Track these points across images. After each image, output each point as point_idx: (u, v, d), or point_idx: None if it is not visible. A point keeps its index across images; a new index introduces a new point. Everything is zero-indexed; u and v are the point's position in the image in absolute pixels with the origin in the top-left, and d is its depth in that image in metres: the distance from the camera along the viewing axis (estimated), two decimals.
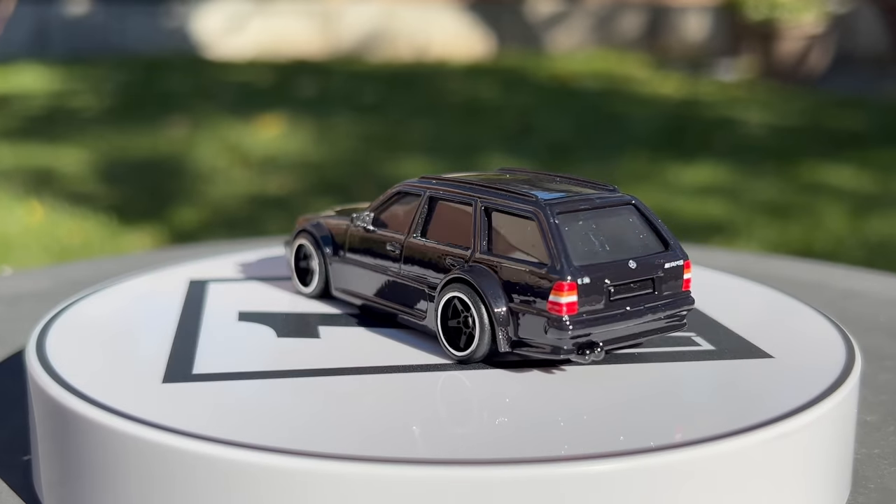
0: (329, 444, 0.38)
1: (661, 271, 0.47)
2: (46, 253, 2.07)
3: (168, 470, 0.38)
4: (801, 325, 0.54)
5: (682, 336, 0.51)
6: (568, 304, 0.44)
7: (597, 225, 0.47)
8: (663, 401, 0.43)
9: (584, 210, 0.47)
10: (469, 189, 0.49)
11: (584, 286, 0.44)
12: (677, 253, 0.48)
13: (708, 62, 4.86)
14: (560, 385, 0.45)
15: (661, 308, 0.47)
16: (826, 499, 0.44)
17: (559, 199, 0.47)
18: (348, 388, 0.45)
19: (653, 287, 0.46)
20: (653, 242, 0.48)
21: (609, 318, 0.45)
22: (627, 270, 0.46)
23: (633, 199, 0.49)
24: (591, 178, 0.53)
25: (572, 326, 0.44)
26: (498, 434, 0.40)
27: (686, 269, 0.48)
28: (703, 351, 0.49)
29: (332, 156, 2.96)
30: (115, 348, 0.50)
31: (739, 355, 0.48)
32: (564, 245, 0.44)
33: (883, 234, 2.23)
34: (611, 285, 0.45)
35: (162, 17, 5.20)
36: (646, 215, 0.48)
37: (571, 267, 0.44)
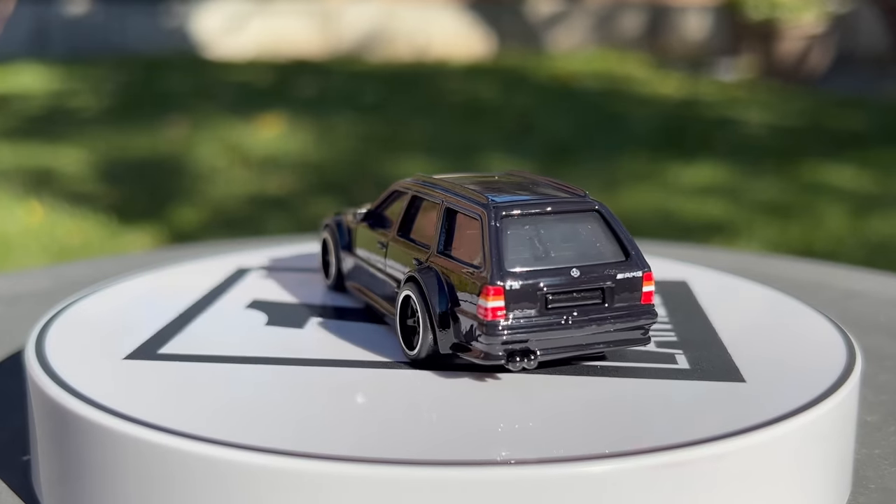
0: (237, 431, 0.39)
1: (611, 281, 0.44)
2: (46, 253, 2.07)
3: (167, 470, 0.38)
4: (801, 326, 0.54)
5: (661, 352, 0.48)
6: (493, 309, 0.42)
7: (548, 230, 0.45)
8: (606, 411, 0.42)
9: (536, 214, 0.45)
10: (440, 189, 0.49)
11: (512, 291, 0.43)
12: (636, 264, 0.45)
13: (708, 62, 4.86)
14: (492, 391, 0.43)
15: (611, 320, 0.44)
16: (826, 499, 0.44)
17: (509, 202, 0.45)
18: (275, 378, 0.46)
19: (602, 297, 0.44)
20: (611, 252, 0.45)
21: (544, 326, 0.43)
22: (568, 278, 0.44)
23: (597, 206, 0.47)
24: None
25: (498, 332, 0.42)
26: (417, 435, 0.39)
27: (645, 281, 0.45)
28: (675, 369, 0.46)
29: (332, 156, 2.96)
30: (115, 348, 0.50)
31: (712, 377, 0.45)
32: (499, 248, 0.43)
33: (883, 234, 2.23)
34: (548, 293, 0.43)
35: (162, 17, 5.20)
36: (609, 223, 0.46)
37: (501, 271, 0.43)
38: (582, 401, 0.43)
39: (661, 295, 0.59)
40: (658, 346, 0.49)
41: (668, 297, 0.59)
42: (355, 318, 0.54)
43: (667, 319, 0.54)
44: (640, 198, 2.46)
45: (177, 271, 0.65)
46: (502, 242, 0.44)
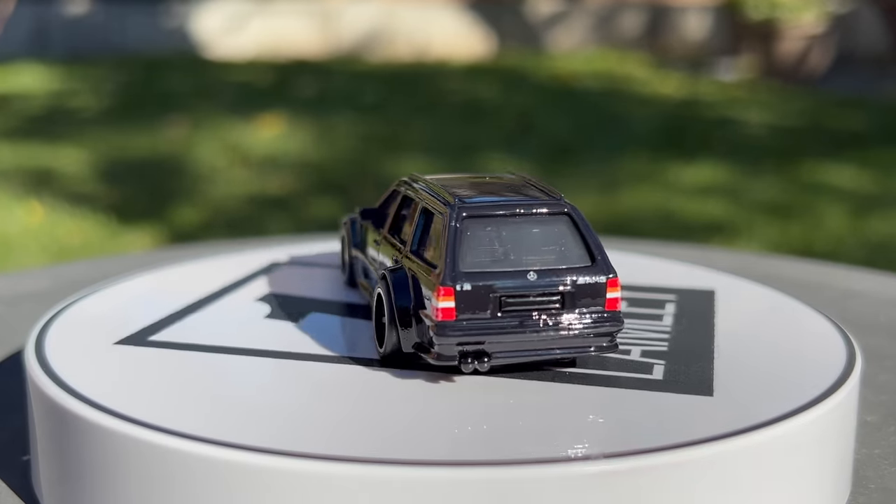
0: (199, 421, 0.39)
1: (571, 286, 0.44)
2: (46, 253, 2.07)
3: (167, 471, 0.38)
4: (801, 325, 0.54)
5: (641, 362, 0.47)
6: (444, 310, 0.42)
7: (513, 233, 0.45)
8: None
9: (501, 216, 0.45)
10: (421, 189, 0.49)
11: (463, 293, 0.42)
12: (600, 269, 0.44)
13: (708, 62, 4.86)
14: (452, 391, 0.44)
15: (571, 326, 0.44)
16: (826, 499, 0.44)
17: (474, 202, 0.45)
18: (247, 368, 0.46)
19: (562, 302, 0.44)
20: (577, 256, 0.45)
21: (497, 329, 0.43)
22: (524, 281, 0.43)
23: (568, 209, 0.46)
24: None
25: (448, 333, 0.42)
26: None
27: (610, 287, 0.44)
28: (646, 380, 0.45)
29: (332, 156, 2.96)
30: (114, 348, 0.50)
31: (680, 389, 0.44)
32: (454, 249, 0.43)
33: (883, 233, 2.23)
34: (502, 295, 0.43)
35: (162, 17, 5.20)
36: (579, 227, 0.45)
37: (454, 272, 0.43)
38: (531, 405, 0.42)
39: (678, 304, 0.57)
40: (642, 356, 0.48)
41: (684, 305, 0.57)
42: (357, 315, 0.55)
43: (667, 329, 0.53)
44: (640, 198, 2.46)
45: (178, 270, 0.65)
46: (459, 243, 0.44)
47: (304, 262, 0.67)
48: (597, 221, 2.32)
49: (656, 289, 0.60)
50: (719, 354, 0.48)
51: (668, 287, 0.60)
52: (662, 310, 0.56)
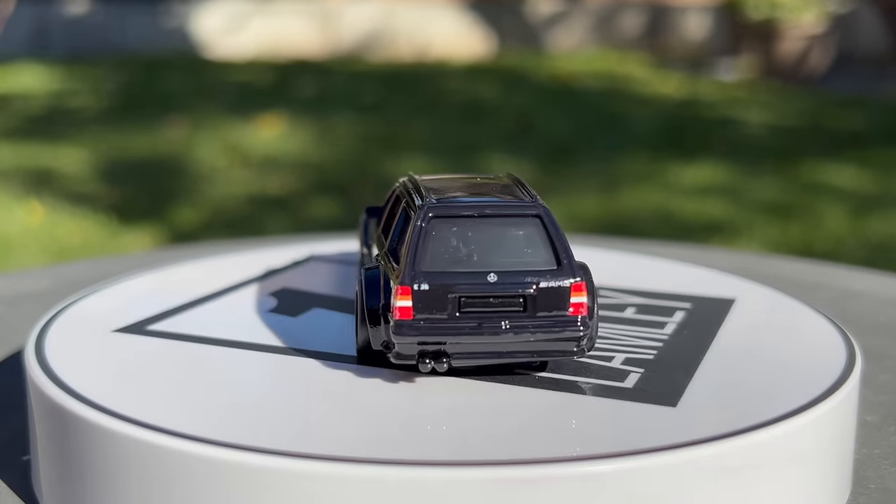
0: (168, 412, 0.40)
1: (534, 289, 0.43)
2: (46, 253, 2.07)
3: (166, 471, 0.38)
4: (801, 325, 0.54)
5: (617, 369, 0.46)
6: (401, 309, 0.42)
7: (480, 234, 0.44)
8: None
9: (468, 217, 0.44)
10: (408, 188, 0.49)
11: (420, 292, 0.42)
12: (565, 273, 0.43)
13: (708, 62, 4.86)
14: (410, 390, 0.44)
15: (532, 329, 0.43)
16: (826, 499, 0.44)
17: (444, 203, 0.45)
18: (247, 366, 0.47)
19: (524, 305, 0.43)
20: (542, 259, 0.44)
21: (455, 329, 0.42)
22: (484, 283, 0.43)
23: (539, 211, 0.45)
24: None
25: (404, 332, 0.42)
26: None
27: (574, 291, 0.43)
28: (613, 387, 0.44)
29: (332, 156, 2.96)
30: (114, 348, 0.50)
31: (644, 399, 0.43)
32: (416, 248, 0.43)
33: (883, 233, 2.23)
34: (461, 296, 0.43)
35: (162, 17, 5.20)
36: (548, 230, 0.44)
37: (413, 271, 0.43)
38: (479, 406, 0.42)
39: (689, 311, 0.55)
40: (623, 363, 0.47)
41: (695, 314, 0.55)
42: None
43: (665, 337, 0.51)
44: (640, 198, 2.46)
45: (178, 270, 0.65)
46: (421, 243, 0.44)
47: (315, 259, 0.67)
48: (597, 221, 2.32)
49: (672, 296, 0.59)
50: (707, 364, 0.47)
51: (685, 294, 0.59)
52: (669, 318, 0.54)
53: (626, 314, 0.55)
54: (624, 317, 0.54)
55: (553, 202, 2.25)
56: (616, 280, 0.61)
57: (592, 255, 0.69)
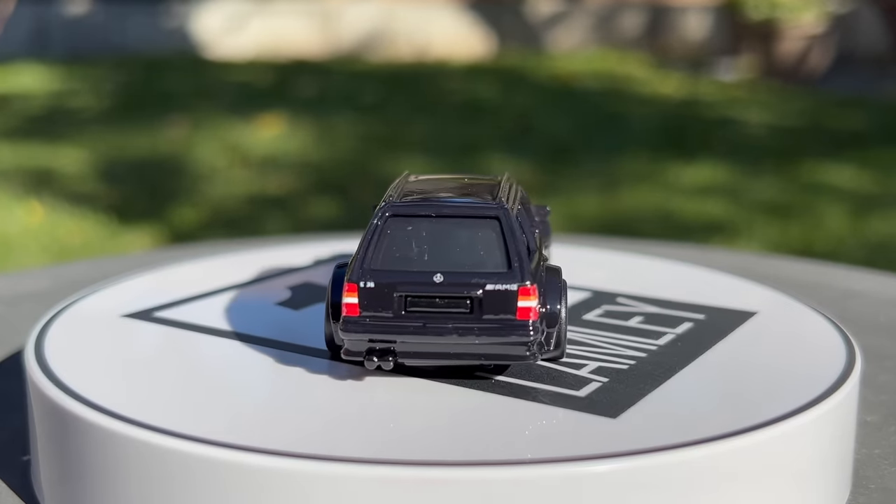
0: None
1: (480, 291, 0.43)
2: (46, 253, 2.07)
3: (166, 472, 0.38)
4: (801, 325, 0.54)
5: (580, 376, 0.45)
6: (348, 306, 0.43)
7: (435, 234, 0.44)
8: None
9: (423, 217, 0.44)
10: (389, 188, 0.50)
11: (366, 290, 0.43)
12: (514, 277, 0.43)
13: (708, 62, 4.86)
14: (348, 388, 0.44)
15: (477, 332, 0.42)
16: (826, 499, 0.44)
17: (405, 202, 0.45)
18: (246, 363, 0.47)
19: (470, 307, 0.43)
20: (494, 262, 0.43)
21: (398, 328, 0.43)
22: (430, 283, 0.43)
23: (497, 213, 0.44)
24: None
25: (349, 328, 0.43)
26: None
27: (522, 295, 0.42)
28: (564, 395, 0.43)
29: (332, 156, 2.96)
30: (114, 348, 0.50)
31: (588, 409, 0.42)
32: (367, 246, 0.44)
33: (883, 233, 2.23)
34: (406, 296, 0.43)
35: (162, 17, 5.20)
36: (503, 233, 0.44)
37: (361, 269, 0.43)
38: (423, 406, 0.42)
39: (698, 322, 0.53)
40: (591, 372, 0.46)
41: (703, 325, 0.53)
42: None
43: (653, 347, 0.50)
44: (640, 198, 2.46)
45: (178, 270, 0.65)
46: (374, 241, 0.44)
47: (317, 258, 0.67)
48: (597, 221, 2.32)
49: (689, 306, 0.56)
50: (683, 375, 0.45)
51: (703, 305, 0.56)
52: (672, 328, 0.52)
53: (629, 323, 0.53)
54: (624, 325, 0.53)
55: (553, 202, 2.25)
56: (636, 287, 0.59)
57: (618, 260, 0.68)
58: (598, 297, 0.58)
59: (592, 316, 0.54)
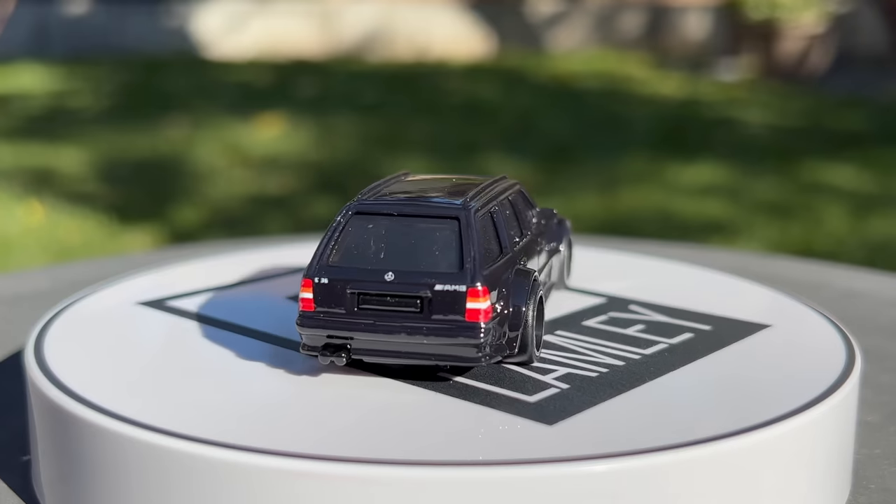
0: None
1: (429, 291, 0.42)
2: (46, 253, 2.07)
3: (166, 472, 0.38)
4: (801, 325, 0.54)
5: (539, 381, 0.45)
6: (303, 301, 0.44)
7: (395, 232, 0.44)
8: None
9: (386, 215, 0.45)
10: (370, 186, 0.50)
11: (320, 285, 0.43)
12: (463, 277, 0.42)
13: (708, 62, 4.86)
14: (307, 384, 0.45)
15: (426, 332, 0.42)
16: (826, 499, 0.44)
17: (370, 201, 0.46)
18: (246, 362, 0.47)
19: (420, 307, 0.43)
20: (448, 262, 0.43)
21: (350, 325, 0.43)
22: (381, 282, 0.43)
23: (458, 214, 0.44)
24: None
25: (305, 323, 0.44)
26: None
27: (470, 297, 0.42)
28: (511, 399, 0.43)
29: (332, 156, 2.96)
30: (114, 348, 0.50)
31: (529, 415, 0.41)
32: (325, 243, 0.44)
33: (883, 234, 2.23)
34: (359, 293, 0.43)
35: (162, 17, 5.20)
36: (461, 233, 0.44)
37: (318, 265, 0.44)
38: (363, 403, 0.43)
39: (699, 333, 0.51)
40: (556, 378, 0.45)
41: (703, 337, 0.51)
42: None
43: (636, 356, 0.48)
44: (640, 198, 2.46)
45: (178, 270, 0.65)
46: (334, 238, 0.45)
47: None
48: (597, 221, 2.32)
49: (700, 316, 0.54)
50: (650, 386, 0.44)
51: (715, 315, 0.54)
52: (667, 338, 0.51)
53: (627, 331, 0.52)
54: (619, 332, 0.51)
55: (553, 202, 2.24)
56: (652, 295, 0.58)
57: (644, 265, 0.66)
58: (610, 304, 0.57)
59: (593, 322, 0.53)
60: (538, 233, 0.54)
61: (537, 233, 0.53)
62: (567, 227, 0.59)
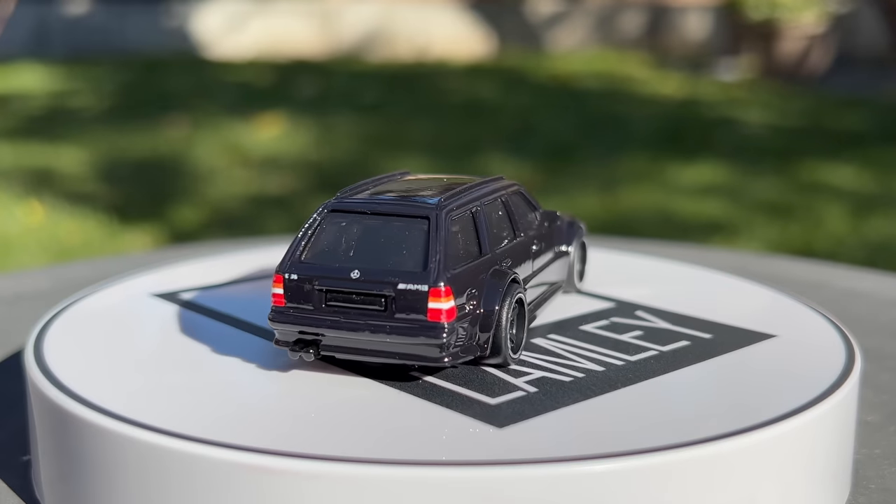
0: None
1: (392, 290, 0.43)
2: (46, 253, 2.07)
3: (165, 471, 0.38)
4: (801, 326, 0.54)
5: (507, 383, 0.44)
6: (275, 296, 0.44)
7: (366, 231, 0.45)
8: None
9: (359, 213, 0.45)
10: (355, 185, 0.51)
11: (290, 282, 0.44)
12: (426, 277, 0.42)
13: (708, 62, 4.86)
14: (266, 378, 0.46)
15: (389, 330, 0.42)
16: (826, 498, 0.44)
17: (346, 199, 0.46)
18: (245, 361, 0.48)
19: (384, 305, 0.43)
20: (414, 261, 0.43)
21: (317, 321, 0.44)
22: (346, 279, 0.43)
23: (428, 213, 0.44)
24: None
25: (276, 318, 0.44)
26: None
27: (432, 296, 0.42)
28: (470, 399, 0.43)
29: (332, 156, 2.96)
30: (114, 348, 0.50)
31: (480, 416, 0.41)
32: (298, 240, 0.45)
33: (883, 234, 2.23)
34: (326, 290, 0.44)
35: (162, 17, 5.20)
36: (428, 232, 0.44)
37: (290, 261, 0.45)
38: (328, 399, 0.43)
39: (696, 342, 0.50)
40: (526, 381, 0.45)
41: (698, 346, 0.50)
42: None
43: (619, 362, 0.47)
44: (640, 198, 2.46)
45: (178, 270, 0.65)
46: (308, 235, 0.45)
47: None
48: (597, 221, 2.32)
49: (703, 324, 0.53)
50: (620, 393, 0.44)
51: (721, 323, 0.53)
52: (660, 346, 0.49)
53: (622, 336, 0.51)
54: (613, 338, 0.51)
55: (553, 202, 2.24)
56: (664, 301, 0.57)
57: (671, 271, 0.65)
58: (617, 309, 0.56)
59: (590, 327, 0.53)
60: (537, 235, 0.53)
61: (535, 234, 0.53)
62: (579, 230, 0.59)
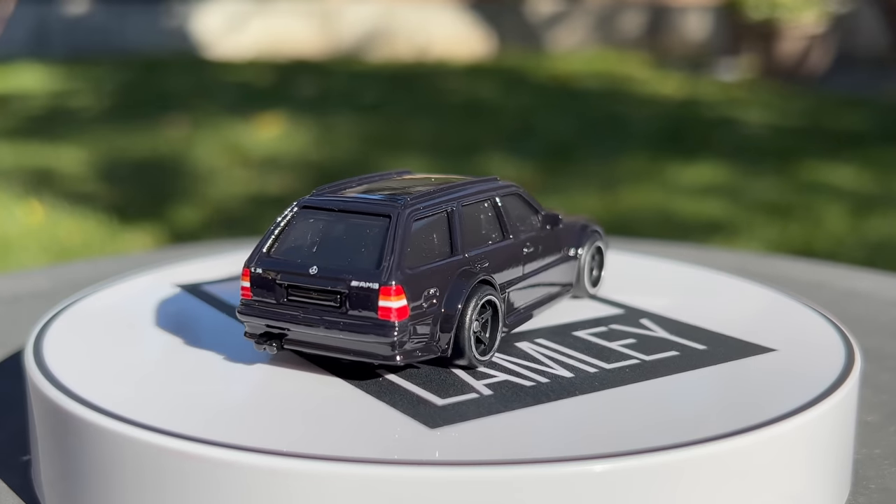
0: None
1: (343, 287, 0.43)
2: (46, 253, 2.07)
3: (164, 470, 0.38)
4: (801, 326, 0.54)
5: (466, 384, 0.44)
6: (243, 289, 0.46)
7: (331, 228, 0.45)
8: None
9: (327, 210, 0.46)
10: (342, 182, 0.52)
11: (255, 276, 0.45)
12: (377, 275, 0.43)
13: (708, 62, 4.86)
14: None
15: (342, 327, 0.43)
16: (826, 498, 0.44)
17: (318, 196, 0.47)
18: (219, 355, 0.48)
19: (339, 302, 0.43)
20: (371, 258, 0.44)
21: (278, 315, 0.44)
22: (304, 275, 0.44)
23: (390, 212, 0.45)
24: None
25: (242, 311, 0.45)
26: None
27: (382, 295, 0.42)
28: (416, 398, 0.43)
29: (332, 155, 2.96)
30: (114, 348, 0.50)
31: (421, 418, 0.41)
32: (268, 235, 0.46)
33: (883, 233, 2.23)
34: (286, 285, 0.44)
35: (162, 17, 5.20)
36: (388, 231, 0.44)
37: (256, 255, 0.45)
38: (276, 393, 0.44)
39: (685, 352, 0.49)
40: (485, 384, 0.44)
41: (688, 357, 0.49)
42: None
43: (593, 370, 0.46)
44: (640, 198, 2.46)
45: (178, 270, 0.65)
46: (278, 230, 0.46)
47: None
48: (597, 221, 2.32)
49: (702, 334, 0.52)
50: (580, 399, 0.43)
51: (720, 334, 0.52)
52: (646, 355, 0.48)
53: (610, 344, 0.50)
54: (599, 344, 0.50)
55: (553, 202, 2.24)
56: (675, 310, 0.56)
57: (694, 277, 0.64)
58: (623, 316, 0.55)
59: (583, 333, 0.52)
60: (533, 237, 0.52)
61: (530, 237, 0.52)
62: (593, 235, 0.58)
